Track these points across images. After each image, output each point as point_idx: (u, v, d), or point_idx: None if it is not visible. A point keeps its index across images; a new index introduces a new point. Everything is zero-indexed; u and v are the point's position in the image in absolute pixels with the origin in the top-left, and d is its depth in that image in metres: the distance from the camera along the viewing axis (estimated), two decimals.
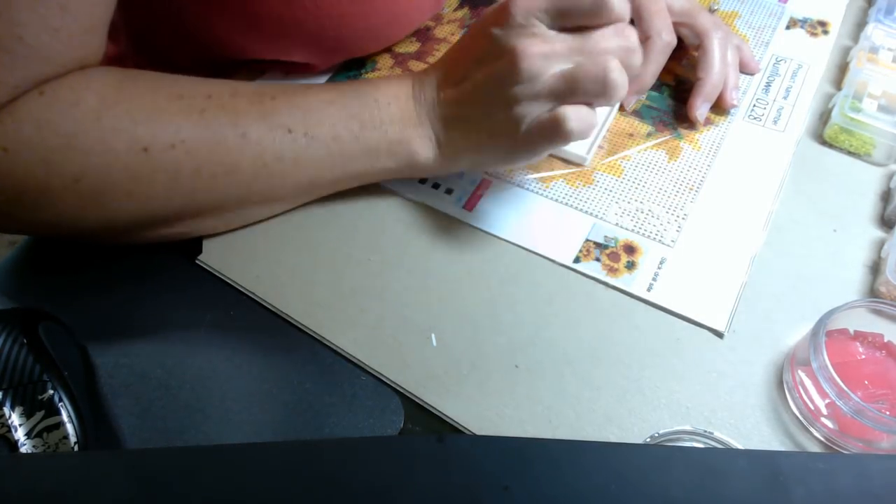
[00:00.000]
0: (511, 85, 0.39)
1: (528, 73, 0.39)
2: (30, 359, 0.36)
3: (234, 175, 0.41)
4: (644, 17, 0.52)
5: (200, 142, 0.40)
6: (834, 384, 0.37)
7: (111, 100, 0.39)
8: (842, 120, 0.51)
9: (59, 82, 0.38)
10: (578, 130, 0.39)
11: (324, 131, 0.42)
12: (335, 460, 0.28)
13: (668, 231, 0.47)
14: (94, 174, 0.38)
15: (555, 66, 0.39)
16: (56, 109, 0.37)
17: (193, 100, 0.41)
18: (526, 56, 0.39)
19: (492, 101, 0.41)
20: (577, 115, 0.39)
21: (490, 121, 0.41)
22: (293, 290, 0.44)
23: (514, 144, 0.42)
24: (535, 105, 0.40)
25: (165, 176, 0.40)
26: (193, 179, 0.40)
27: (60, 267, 0.46)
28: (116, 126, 0.38)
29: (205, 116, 0.40)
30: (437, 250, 0.46)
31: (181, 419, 0.39)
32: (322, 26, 0.48)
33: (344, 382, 0.41)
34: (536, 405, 0.40)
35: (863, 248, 0.46)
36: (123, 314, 0.44)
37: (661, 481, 0.27)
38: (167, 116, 0.39)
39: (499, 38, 0.40)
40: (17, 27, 0.35)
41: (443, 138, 0.44)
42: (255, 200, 0.44)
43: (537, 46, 0.39)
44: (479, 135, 0.43)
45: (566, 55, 0.39)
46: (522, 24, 0.39)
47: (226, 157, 0.41)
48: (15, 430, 0.35)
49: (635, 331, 0.43)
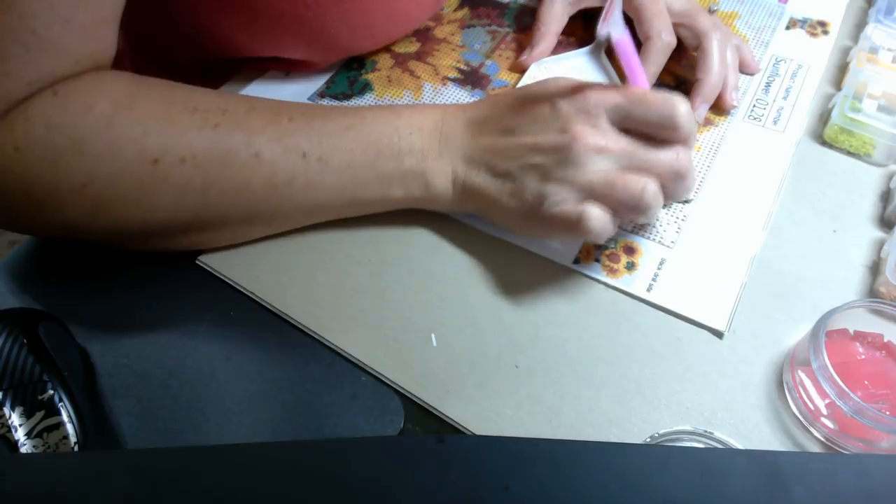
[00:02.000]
0: (558, 163, 0.40)
1: (578, 159, 0.39)
2: (30, 359, 0.36)
3: (242, 193, 0.41)
4: (644, 18, 0.52)
5: (211, 158, 0.39)
6: (834, 384, 0.37)
7: (124, 106, 0.38)
8: (842, 120, 0.51)
9: (73, 84, 0.38)
10: (596, 232, 0.40)
11: (339, 157, 0.42)
12: (335, 460, 0.28)
13: (668, 232, 0.47)
14: (102, 181, 0.38)
15: (604, 164, 0.40)
16: (69, 112, 0.37)
17: (208, 113, 0.40)
18: (583, 142, 0.39)
19: (531, 166, 0.41)
20: (601, 218, 0.39)
21: (519, 183, 0.41)
22: (293, 290, 0.44)
23: (529, 215, 0.42)
24: (567, 191, 0.40)
25: (173, 189, 0.39)
26: (201, 195, 0.40)
27: (61, 267, 0.46)
28: (128, 134, 0.38)
29: (218, 132, 0.40)
30: (437, 250, 0.46)
31: (181, 419, 0.39)
32: (322, 23, 0.48)
33: (344, 382, 0.41)
34: (536, 405, 0.40)
35: (863, 248, 0.46)
36: (123, 314, 0.44)
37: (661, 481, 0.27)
38: (180, 129, 0.39)
39: (564, 112, 0.41)
40: (30, 19, 0.35)
41: (461, 177, 0.43)
42: (261, 220, 0.44)
43: (595, 138, 0.40)
44: (502, 192, 0.42)
45: (617, 156, 0.40)
46: (590, 112, 0.40)
47: (236, 176, 0.40)
48: (15, 430, 0.35)
49: (635, 331, 0.43)
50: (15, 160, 0.37)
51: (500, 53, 0.57)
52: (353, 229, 0.46)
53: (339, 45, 0.52)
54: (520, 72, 0.55)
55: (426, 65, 0.56)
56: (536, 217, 0.41)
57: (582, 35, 0.58)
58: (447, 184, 0.44)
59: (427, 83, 0.54)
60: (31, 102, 0.37)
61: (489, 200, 0.43)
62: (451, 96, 0.54)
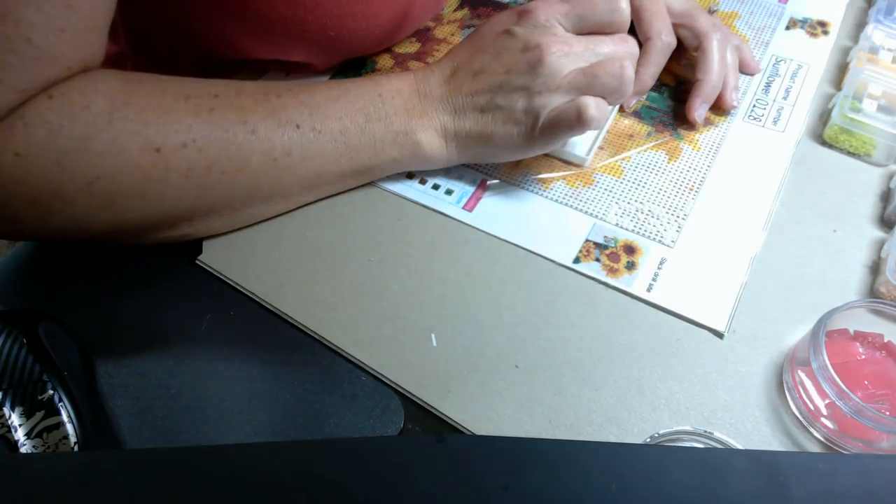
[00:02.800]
0: (536, 77, 0.43)
1: (552, 66, 0.43)
2: (30, 359, 0.36)
3: (243, 171, 0.42)
4: (644, 19, 0.52)
5: (211, 139, 0.41)
6: (834, 384, 0.37)
7: (121, 101, 0.39)
8: (842, 120, 0.51)
9: (67, 86, 0.38)
10: (598, 118, 0.42)
11: (331, 125, 0.44)
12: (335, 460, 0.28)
13: (668, 231, 0.47)
14: (108, 176, 0.38)
15: (574, 64, 0.43)
16: (67, 113, 0.37)
17: (201, 99, 0.41)
18: (550, 51, 0.43)
19: (514, 90, 0.43)
20: (596, 104, 0.42)
21: (509, 110, 0.44)
22: (293, 290, 0.44)
23: (530, 134, 0.44)
24: (555, 96, 0.43)
25: (178, 175, 0.40)
26: (205, 177, 0.41)
27: (60, 267, 0.46)
28: (128, 128, 0.39)
29: (214, 115, 0.41)
30: (437, 250, 0.46)
31: (181, 419, 0.39)
32: (322, 26, 0.48)
33: (344, 382, 0.41)
34: (536, 405, 0.40)
35: (863, 248, 0.46)
36: (123, 314, 0.44)
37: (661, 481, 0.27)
38: (177, 116, 0.40)
39: (521, 34, 0.44)
40: (25, 28, 0.35)
41: (451, 129, 0.45)
42: (262, 197, 0.44)
43: (558, 44, 0.43)
44: (495, 124, 0.44)
45: (583, 55, 0.44)
46: (544, 25, 0.44)
47: (236, 154, 0.41)
48: (15, 430, 0.35)
49: (635, 331, 0.43)
50: (17, 166, 0.37)
51: None
52: (353, 229, 0.47)
53: (340, 48, 0.52)
54: None
55: (426, 65, 0.56)
56: (537, 131, 0.44)
57: None
58: (438, 139, 0.46)
59: None
60: (27, 108, 0.37)
61: (485, 137, 0.45)
62: None
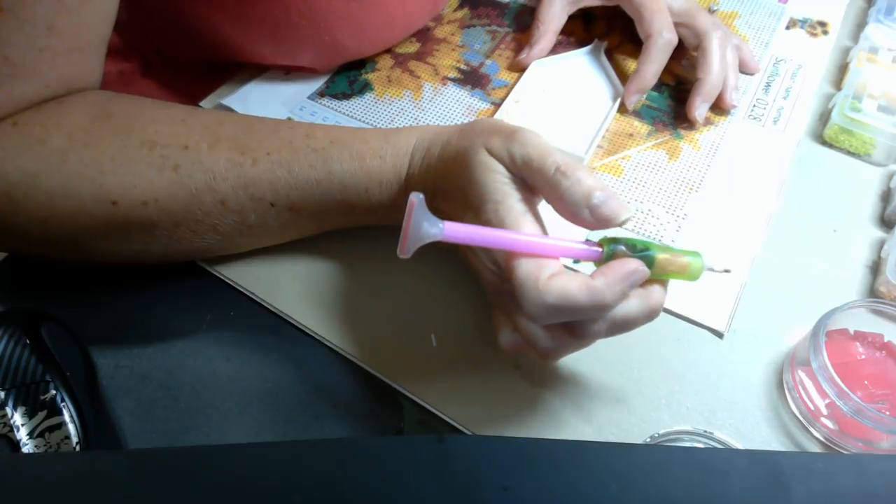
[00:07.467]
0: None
1: None
2: (32, 359, 0.37)
3: (213, 232, 0.40)
4: (645, 17, 0.52)
5: (175, 201, 0.38)
6: (834, 384, 0.37)
7: (79, 142, 0.37)
8: (842, 120, 0.51)
9: (32, 116, 0.37)
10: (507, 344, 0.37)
11: (310, 208, 0.41)
12: (335, 461, 0.28)
13: (668, 231, 0.47)
14: (61, 217, 0.37)
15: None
16: (23, 144, 0.37)
17: (167, 149, 0.38)
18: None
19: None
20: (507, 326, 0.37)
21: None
22: (293, 290, 0.44)
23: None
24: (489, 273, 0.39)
25: (140, 228, 0.39)
26: (173, 231, 0.39)
27: (62, 268, 0.46)
28: (82, 172, 0.37)
29: (179, 174, 0.38)
30: (436, 251, 0.46)
31: (181, 419, 0.39)
32: (317, 31, 0.48)
33: (344, 382, 0.41)
34: (536, 405, 0.40)
35: (863, 248, 0.46)
36: (125, 315, 0.44)
37: (662, 481, 0.27)
38: (138, 169, 0.38)
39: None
40: (3, 46, 0.35)
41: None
42: (243, 245, 0.44)
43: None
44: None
45: None
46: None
47: (204, 219, 0.39)
48: (17, 430, 0.35)
49: (635, 331, 0.42)
50: None
51: (500, 53, 0.57)
52: (353, 230, 0.46)
53: (337, 51, 0.52)
54: (519, 71, 0.55)
55: (426, 65, 0.56)
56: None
57: (582, 35, 0.58)
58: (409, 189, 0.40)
59: (427, 83, 0.54)
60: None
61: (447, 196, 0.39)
62: (450, 96, 0.54)
